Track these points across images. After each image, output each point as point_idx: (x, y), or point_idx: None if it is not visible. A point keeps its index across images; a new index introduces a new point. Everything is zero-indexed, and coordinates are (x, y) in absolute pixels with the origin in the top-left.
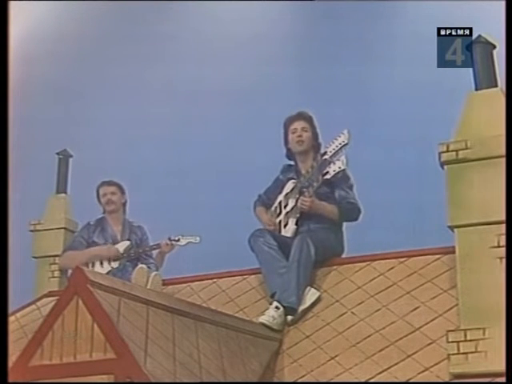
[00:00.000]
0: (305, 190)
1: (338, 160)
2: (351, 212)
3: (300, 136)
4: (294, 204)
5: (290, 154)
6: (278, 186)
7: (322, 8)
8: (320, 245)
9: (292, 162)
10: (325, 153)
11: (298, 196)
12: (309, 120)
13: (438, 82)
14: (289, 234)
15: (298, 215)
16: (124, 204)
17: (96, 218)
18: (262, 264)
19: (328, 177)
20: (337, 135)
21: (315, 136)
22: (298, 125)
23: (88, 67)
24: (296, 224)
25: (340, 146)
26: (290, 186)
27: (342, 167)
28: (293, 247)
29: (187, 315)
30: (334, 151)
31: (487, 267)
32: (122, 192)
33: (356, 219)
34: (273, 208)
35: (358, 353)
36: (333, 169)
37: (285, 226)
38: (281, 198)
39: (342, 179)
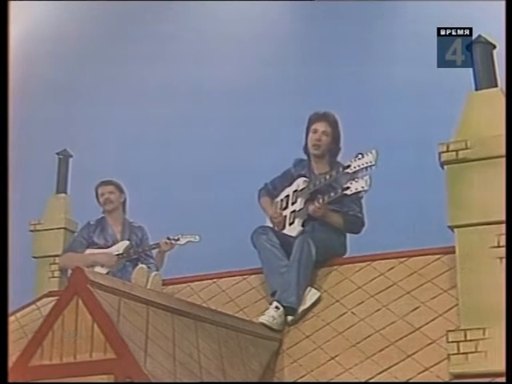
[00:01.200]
0: (319, 196)
1: (362, 179)
2: (356, 225)
3: (318, 140)
4: (303, 206)
5: (306, 149)
6: (288, 178)
7: (322, 8)
8: (321, 245)
9: (305, 157)
10: (348, 166)
11: (308, 197)
12: (333, 123)
13: (438, 82)
14: (293, 234)
15: (305, 217)
16: (123, 203)
17: (96, 218)
18: (263, 262)
19: (349, 193)
20: (364, 152)
21: (335, 140)
22: (320, 126)
23: (88, 67)
24: (302, 225)
25: (366, 165)
26: (300, 183)
27: (365, 188)
28: (294, 247)
29: (187, 315)
30: (358, 168)
31: (487, 267)
32: (121, 191)
33: (358, 232)
34: (278, 199)
35: (357, 353)
36: (355, 186)
37: (290, 223)
38: (289, 191)
39: None
